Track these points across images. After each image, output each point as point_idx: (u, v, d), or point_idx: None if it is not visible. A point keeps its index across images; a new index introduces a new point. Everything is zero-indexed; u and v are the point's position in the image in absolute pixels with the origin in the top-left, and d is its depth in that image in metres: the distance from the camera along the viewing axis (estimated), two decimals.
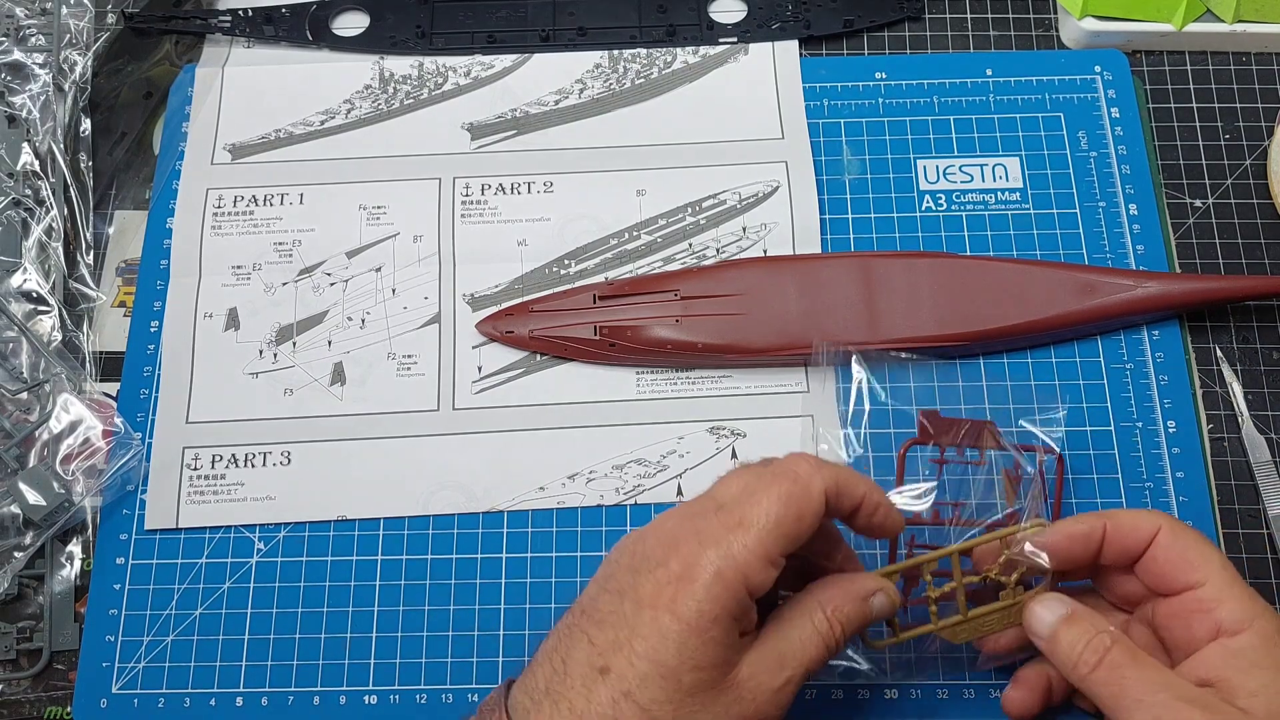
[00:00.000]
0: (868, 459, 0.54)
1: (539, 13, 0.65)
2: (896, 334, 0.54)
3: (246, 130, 0.62)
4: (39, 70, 0.62)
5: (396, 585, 0.53)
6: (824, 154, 0.61)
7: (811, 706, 0.50)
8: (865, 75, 0.62)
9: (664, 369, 0.56)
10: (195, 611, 0.53)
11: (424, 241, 0.59)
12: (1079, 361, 0.56)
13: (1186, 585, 0.41)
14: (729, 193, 0.60)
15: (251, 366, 0.57)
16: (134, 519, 0.54)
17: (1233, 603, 0.40)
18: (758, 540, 0.38)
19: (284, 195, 0.60)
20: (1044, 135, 0.61)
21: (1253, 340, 0.57)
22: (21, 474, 0.53)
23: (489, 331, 0.57)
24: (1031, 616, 0.43)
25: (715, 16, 0.64)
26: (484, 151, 0.61)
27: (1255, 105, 0.62)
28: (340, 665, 0.51)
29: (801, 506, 0.39)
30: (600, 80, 0.63)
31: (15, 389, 0.55)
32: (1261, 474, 0.54)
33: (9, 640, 0.53)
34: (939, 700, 0.50)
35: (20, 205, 0.59)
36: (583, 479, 0.54)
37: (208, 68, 0.64)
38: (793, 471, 0.40)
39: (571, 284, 0.58)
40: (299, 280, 0.58)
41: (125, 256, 0.60)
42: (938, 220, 0.59)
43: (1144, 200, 0.59)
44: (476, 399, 0.56)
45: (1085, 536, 0.43)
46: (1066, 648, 0.41)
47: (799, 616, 0.41)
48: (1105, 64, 0.62)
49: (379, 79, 0.63)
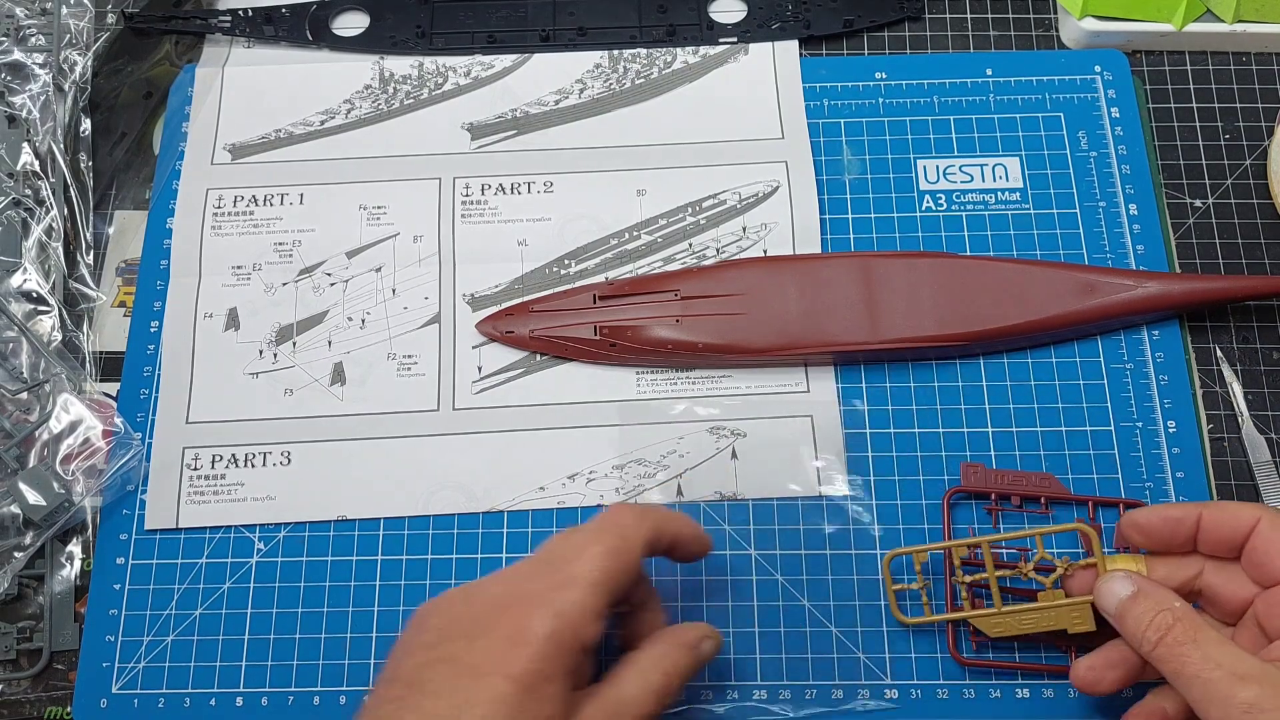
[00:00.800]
0: (868, 459, 0.54)
1: (539, 13, 0.65)
2: (896, 334, 0.54)
3: (246, 130, 0.62)
4: (39, 70, 0.62)
5: (396, 585, 0.53)
6: (824, 154, 0.61)
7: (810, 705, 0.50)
8: (865, 75, 0.62)
9: (664, 369, 0.56)
10: (195, 611, 0.53)
11: (424, 241, 0.59)
12: (1079, 361, 0.56)
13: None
14: (729, 193, 0.60)
15: (251, 366, 0.57)
16: (134, 519, 0.54)
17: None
18: (585, 595, 0.40)
19: (284, 195, 0.60)
20: (1044, 135, 0.61)
21: (1253, 340, 0.57)
22: (21, 474, 0.53)
23: (489, 331, 0.57)
24: (1101, 593, 0.44)
25: (715, 16, 0.64)
26: (484, 151, 0.61)
27: (1255, 105, 0.62)
28: (340, 665, 0.52)
29: (625, 560, 0.41)
30: (600, 80, 0.63)
31: (15, 389, 0.55)
32: (1261, 474, 0.54)
33: (9, 640, 0.53)
34: (939, 700, 0.50)
35: (20, 205, 0.59)
36: (583, 479, 0.54)
37: (208, 68, 0.64)
38: (615, 524, 0.42)
39: (571, 284, 0.58)
40: (299, 280, 0.58)
41: (125, 256, 0.60)
42: (938, 220, 0.59)
43: (1144, 200, 0.59)
44: (476, 399, 0.56)
45: (1179, 520, 0.44)
46: (1133, 623, 0.42)
47: (633, 672, 0.42)
48: (1105, 64, 0.62)
49: (379, 79, 0.63)
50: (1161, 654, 0.41)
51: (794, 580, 0.52)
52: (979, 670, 0.50)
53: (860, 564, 0.52)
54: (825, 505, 0.53)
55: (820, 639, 0.51)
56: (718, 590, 0.52)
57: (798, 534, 0.53)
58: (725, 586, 0.52)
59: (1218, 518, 0.44)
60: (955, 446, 0.54)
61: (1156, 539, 0.45)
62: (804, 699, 0.50)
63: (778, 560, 0.52)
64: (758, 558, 0.53)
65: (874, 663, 0.51)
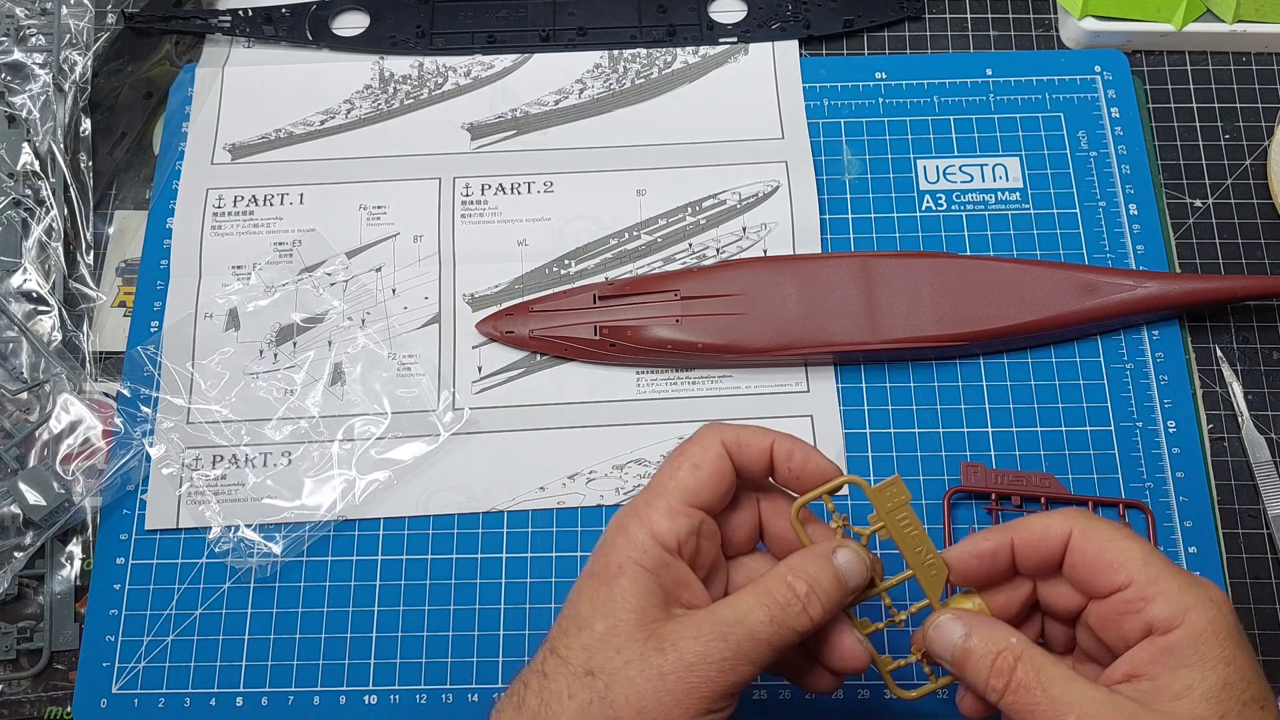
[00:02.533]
0: (868, 459, 0.54)
1: (539, 13, 0.65)
2: (896, 334, 0.54)
3: (246, 130, 0.62)
4: (39, 70, 0.62)
5: (396, 585, 0.53)
6: (824, 154, 0.61)
7: (812, 705, 0.50)
8: (865, 75, 0.62)
9: (664, 369, 0.56)
10: (195, 611, 0.53)
11: (424, 241, 0.59)
12: (1079, 361, 0.56)
13: (1111, 588, 0.38)
14: (729, 193, 0.60)
15: (251, 366, 0.57)
16: (134, 519, 0.54)
17: (1161, 600, 0.37)
18: (657, 495, 0.40)
19: (284, 195, 0.60)
20: (1044, 135, 0.61)
21: (1253, 340, 0.57)
22: (21, 474, 0.53)
23: (489, 331, 0.57)
24: (933, 641, 0.40)
25: (715, 16, 0.64)
26: (484, 151, 0.61)
27: (1255, 105, 0.62)
28: (340, 665, 0.51)
29: (698, 458, 0.41)
30: (600, 80, 0.63)
31: (15, 389, 0.55)
32: (1261, 474, 0.54)
33: (9, 640, 0.53)
34: (939, 700, 0.50)
35: (20, 205, 0.59)
36: (583, 479, 0.54)
37: (208, 68, 0.64)
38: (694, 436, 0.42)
39: (571, 284, 0.58)
40: (299, 280, 0.58)
41: (125, 256, 0.60)
42: (938, 220, 0.59)
43: (1144, 200, 0.59)
44: (476, 399, 0.56)
45: (993, 554, 0.40)
46: (973, 670, 0.39)
47: (751, 587, 0.40)
48: (1105, 64, 0.62)
49: (379, 79, 0.63)
50: (1010, 703, 0.37)
51: None
52: None
53: None
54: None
55: None
56: None
57: None
58: None
59: (1029, 540, 0.39)
60: (955, 446, 0.54)
61: (976, 578, 0.41)
62: (804, 698, 0.50)
63: None
64: None
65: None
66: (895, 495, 0.41)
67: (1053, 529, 0.39)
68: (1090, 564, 0.38)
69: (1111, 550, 0.38)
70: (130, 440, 0.54)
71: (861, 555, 0.41)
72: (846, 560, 0.40)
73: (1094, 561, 0.38)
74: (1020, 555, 0.40)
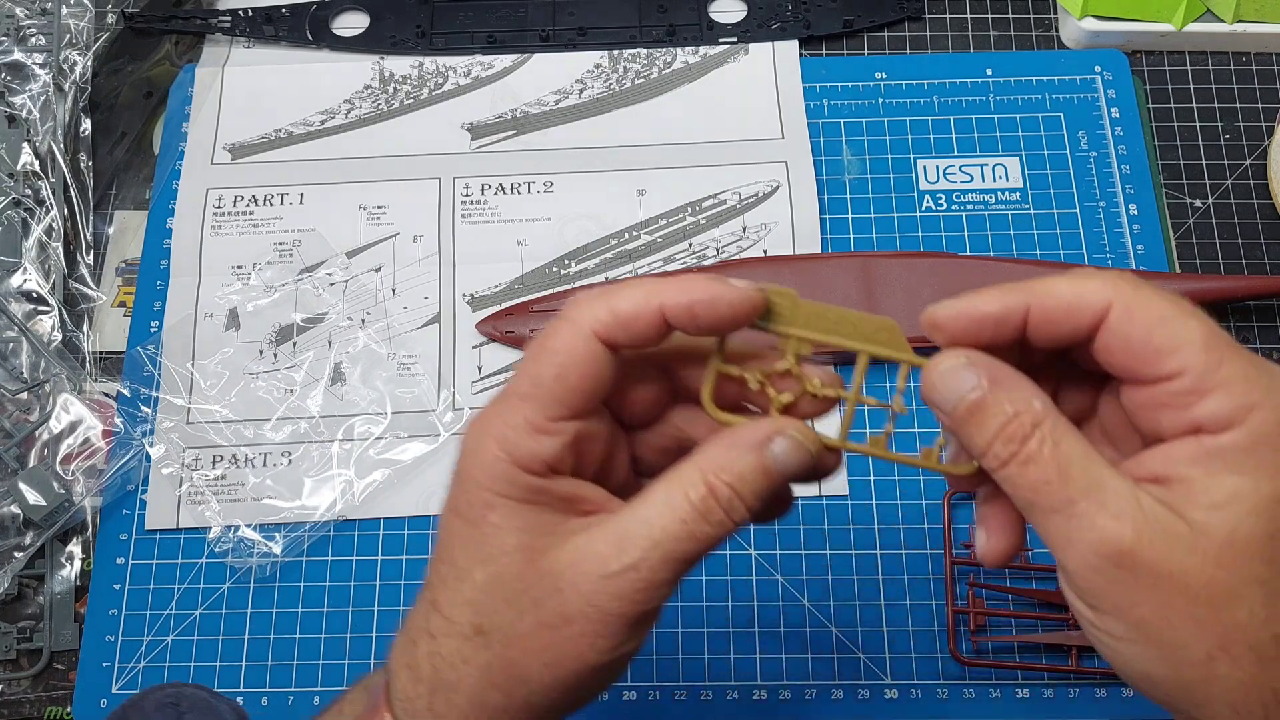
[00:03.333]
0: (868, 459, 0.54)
1: (539, 13, 0.65)
2: None
3: (246, 130, 0.62)
4: (39, 70, 0.62)
5: (396, 585, 0.53)
6: (824, 154, 0.61)
7: (812, 705, 0.50)
8: (865, 75, 0.62)
9: None
10: (195, 611, 0.53)
11: (424, 241, 0.59)
12: None
13: (1156, 376, 0.30)
14: (729, 193, 0.60)
15: (251, 366, 0.57)
16: (134, 519, 0.54)
17: (1220, 395, 0.29)
18: (513, 406, 0.32)
19: (284, 195, 0.60)
20: (1044, 135, 0.61)
21: (1253, 340, 0.57)
22: (21, 474, 0.53)
23: (489, 331, 0.57)
24: (935, 390, 0.31)
25: (715, 16, 0.64)
26: (484, 151, 0.61)
27: (1255, 105, 0.62)
28: (340, 665, 0.51)
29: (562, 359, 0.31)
30: (600, 80, 0.63)
31: (15, 389, 0.55)
32: None
33: (9, 640, 0.52)
34: (939, 701, 0.50)
35: (20, 205, 0.59)
36: None
37: (208, 68, 0.64)
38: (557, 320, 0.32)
39: (571, 284, 0.58)
40: (299, 280, 0.58)
41: (125, 256, 0.60)
42: (938, 220, 0.59)
43: (1144, 200, 0.59)
44: (476, 399, 0.56)
45: (997, 320, 0.31)
46: (977, 434, 0.31)
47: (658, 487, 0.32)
48: (1105, 64, 0.62)
49: (379, 79, 0.63)
50: (1010, 475, 0.30)
51: (794, 580, 0.52)
52: (979, 670, 0.50)
53: (860, 564, 0.52)
54: (825, 505, 0.53)
55: (820, 639, 0.51)
56: (718, 590, 0.52)
57: (798, 534, 0.53)
58: (725, 586, 0.52)
59: (1052, 310, 0.31)
60: None
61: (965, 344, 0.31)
62: (804, 699, 0.50)
63: (778, 560, 0.52)
64: (758, 558, 0.53)
65: (874, 663, 0.51)
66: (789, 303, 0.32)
67: (1086, 298, 0.31)
68: (1133, 349, 0.30)
69: (1162, 334, 0.30)
70: (130, 440, 0.54)
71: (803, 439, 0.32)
72: (783, 451, 0.32)
73: (1139, 347, 0.30)
74: (1035, 326, 0.31)
